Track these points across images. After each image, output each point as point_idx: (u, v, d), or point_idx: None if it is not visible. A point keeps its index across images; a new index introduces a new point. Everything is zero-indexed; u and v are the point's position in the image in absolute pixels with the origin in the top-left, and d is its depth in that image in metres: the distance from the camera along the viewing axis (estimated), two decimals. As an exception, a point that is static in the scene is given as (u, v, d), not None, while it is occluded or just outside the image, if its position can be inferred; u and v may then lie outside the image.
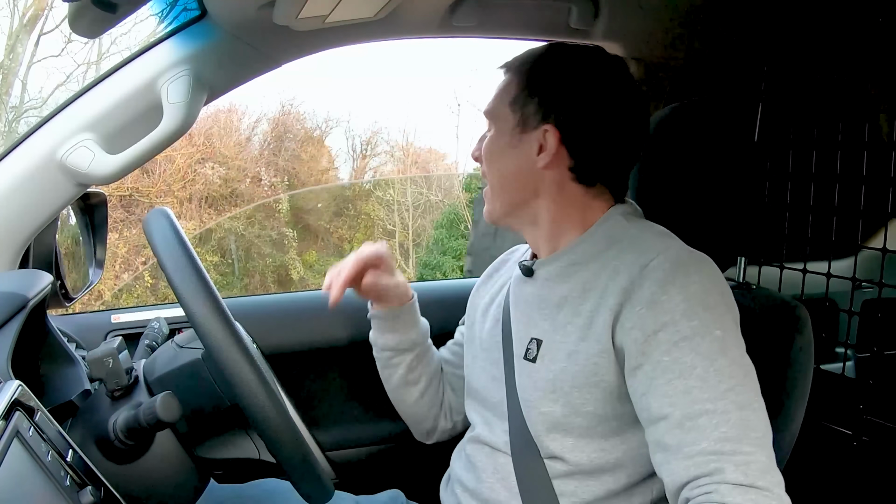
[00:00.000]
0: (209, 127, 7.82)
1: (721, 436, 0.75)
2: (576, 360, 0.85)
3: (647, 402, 0.80)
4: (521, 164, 0.93)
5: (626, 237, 0.90)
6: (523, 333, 0.93)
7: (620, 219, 0.93)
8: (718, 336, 0.79)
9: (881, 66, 1.24)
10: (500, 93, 0.96)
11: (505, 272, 1.09)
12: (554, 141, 0.91)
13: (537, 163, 0.92)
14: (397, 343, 1.12)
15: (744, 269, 1.26)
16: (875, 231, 1.31)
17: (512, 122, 0.94)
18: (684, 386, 0.78)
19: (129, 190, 6.62)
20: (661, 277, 0.81)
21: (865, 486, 1.31)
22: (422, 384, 1.13)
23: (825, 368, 1.37)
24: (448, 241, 7.61)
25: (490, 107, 0.97)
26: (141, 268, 6.30)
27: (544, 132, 0.91)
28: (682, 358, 0.79)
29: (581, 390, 0.85)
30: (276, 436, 0.76)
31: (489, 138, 0.97)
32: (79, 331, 1.24)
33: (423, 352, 1.14)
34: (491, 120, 0.97)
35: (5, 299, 0.82)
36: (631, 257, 0.85)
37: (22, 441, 0.62)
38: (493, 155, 0.96)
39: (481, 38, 1.28)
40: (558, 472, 0.88)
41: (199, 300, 0.75)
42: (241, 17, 0.98)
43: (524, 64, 0.95)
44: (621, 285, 0.83)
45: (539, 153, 0.92)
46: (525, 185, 0.94)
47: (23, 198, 0.98)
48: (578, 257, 0.92)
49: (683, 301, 0.80)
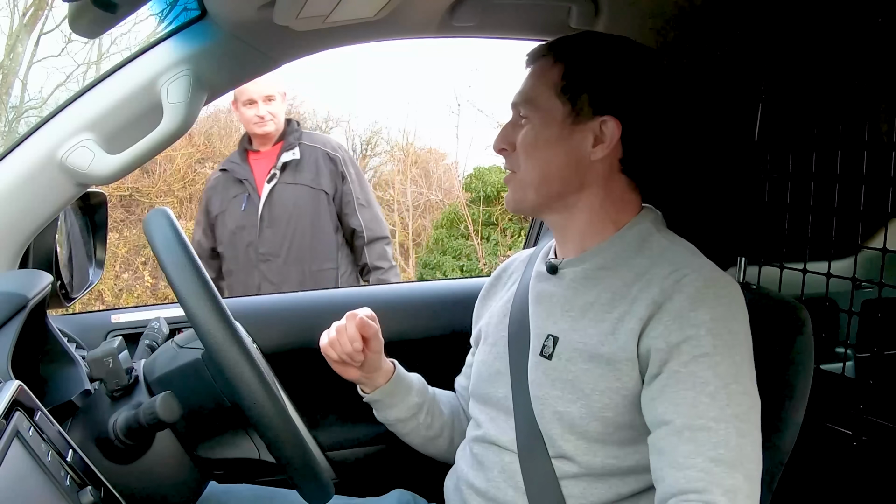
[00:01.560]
0: (209, 127, 7.81)
1: (717, 456, 0.76)
2: (599, 363, 0.85)
3: (653, 406, 0.81)
4: (571, 157, 0.90)
5: (658, 247, 0.90)
6: (541, 329, 0.93)
7: (650, 227, 0.93)
8: (737, 361, 0.80)
9: (881, 66, 1.24)
10: (540, 81, 0.91)
11: (514, 273, 1.08)
12: (616, 133, 0.89)
13: (591, 155, 0.90)
14: (403, 414, 1.09)
15: (744, 269, 1.26)
16: (875, 231, 1.31)
17: (562, 112, 0.90)
18: (693, 398, 0.78)
19: (129, 190, 6.61)
20: (693, 294, 0.82)
21: (865, 486, 1.31)
22: (445, 434, 1.11)
23: (825, 368, 1.37)
24: (448, 241, 7.60)
25: (529, 95, 0.92)
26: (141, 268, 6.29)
27: (601, 123, 0.89)
28: (699, 372, 0.79)
29: (603, 394, 0.85)
30: (276, 436, 0.76)
31: (531, 128, 0.91)
32: (79, 331, 1.24)
33: (432, 406, 1.11)
34: (530, 109, 0.92)
35: (5, 299, 0.82)
36: (664, 270, 0.85)
37: (22, 441, 0.62)
38: (538, 146, 0.91)
39: (481, 38, 1.28)
40: (567, 472, 0.87)
41: (199, 300, 0.75)
42: (241, 17, 0.98)
43: (570, 51, 0.91)
44: (652, 297, 0.83)
45: (595, 145, 0.90)
46: (571, 178, 0.91)
47: (23, 198, 0.98)
48: (608, 261, 0.91)
49: (711, 320, 0.80)
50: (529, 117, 0.92)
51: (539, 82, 0.92)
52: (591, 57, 0.90)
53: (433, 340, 1.44)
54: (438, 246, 7.64)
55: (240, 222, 2.29)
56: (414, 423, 1.09)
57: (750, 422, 0.78)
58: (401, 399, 1.08)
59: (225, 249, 2.32)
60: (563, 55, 0.91)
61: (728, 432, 0.76)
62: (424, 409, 1.09)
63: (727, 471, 0.75)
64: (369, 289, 1.83)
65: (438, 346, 1.41)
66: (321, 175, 2.29)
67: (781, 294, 1.11)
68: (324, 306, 1.46)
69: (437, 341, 1.39)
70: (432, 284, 2.27)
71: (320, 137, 2.43)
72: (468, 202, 7.65)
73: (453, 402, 1.14)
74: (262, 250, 2.27)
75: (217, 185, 2.36)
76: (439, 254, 7.53)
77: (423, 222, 8.17)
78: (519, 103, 0.93)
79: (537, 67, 0.93)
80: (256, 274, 2.27)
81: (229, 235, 2.30)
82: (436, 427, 1.10)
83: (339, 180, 2.31)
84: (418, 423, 1.09)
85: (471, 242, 7.42)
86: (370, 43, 1.18)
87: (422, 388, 1.11)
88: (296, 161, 2.28)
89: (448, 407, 1.13)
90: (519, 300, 0.99)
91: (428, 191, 8.24)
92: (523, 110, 0.92)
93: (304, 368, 1.38)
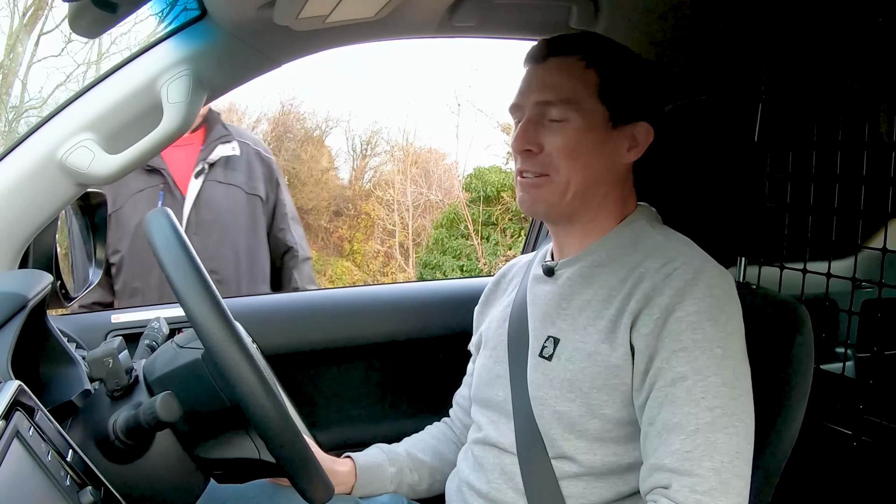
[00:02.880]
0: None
1: (682, 455, 0.76)
2: (596, 360, 0.85)
3: (640, 403, 0.83)
4: (609, 160, 0.91)
5: (652, 242, 0.90)
6: (540, 331, 0.93)
7: (645, 223, 0.94)
8: (717, 353, 0.79)
9: (881, 66, 1.24)
10: (577, 82, 0.88)
11: (514, 278, 1.08)
12: (649, 137, 0.91)
13: (624, 159, 0.91)
14: (392, 487, 1.08)
15: (744, 269, 1.26)
16: (875, 231, 1.31)
17: (603, 115, 0.89)
18: (670, 395, 0.79)
19: (129, 190, 6.62)
20: (680, 286, 0.82)
21: (865, 486, 1.31)
22: (438, 477, 1.10)
23: (825, 368, 1.37)
24: (448, 240, 7.60)
25: (569, 95, 0.88)
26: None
27: (637, 128, 0.90)
28: (677, 367, 0.79)
29: (600, 392, 0.85)
30: (276, 436, 0.75)
31: (573, 131, 0.88)
32: (79, 331, 1.24)
33: (412, 463, 1.09)
34: (570, 110, 0.88)
35: (5, 299, 0.82)
36: (656, 264, 0.86)
37: (22, 441, 0.62)
38: (581, 151, 0.88)
39: (481, 38, 1.28)
40: (567, 473, 0.88)
41: (199, 300, 0.75)
42: (241, 17, 0.98)
43: (600, 54, 0.90)
44: (644, 291, 0.84)
45: (629, 149, 0.91)
46: (604, 182, 0.91)
47: (23, 198, 0.98)
48: (602, 258, 0.91)
49: (695, 313, 0.81)
50: (569, 119, 0.88)
51: (577, 84, 0.88)
52: (621, 63, 0.91)
53: (433, 340, 1.44)
54: (438, 246, 7.65)
55: None
56: (406, 488, 1.09)
57: (732, 414, 0.78)
58: (380, 481, 1.07)
59: (125, 259, 1.81)
60: (593, 59, 0.89)
61: (698, 426, 0.77)
62: (405, 470, 1.08)
63: (691, 466, 0.76)
64: (369, 289, 1.83)
65: (438, 346, 1.41)
66: (254, 178, 1.91)
67: (781, 294, 1.11)
68: (324, 306, 1.46)
69: (437, 341, 1.39)
70: (432, 284, 2.26)
71: (247, 133, 2.07)
72: (468, 202, 7.65)
73: (429, 440, 1.14)
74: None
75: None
76: (439, 254, 7.53)
77: (423, 222, 8.18)
78: (553, 102, 0.88)
79: (564, 66, 0.89)
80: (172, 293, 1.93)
81: (131, 241, 1.80)
82: (425, 478, 1.09)
83: (272, 187, 1.94)
84: (409, 484, 1.08)
85: (471, 242, 7.43)
86: (370, 43, 1.18)
87: (392, 457, 1.09)
88: (228, 158, 1.87)
89: (428, 452, 1.11)
90: (518, 304, 0.99)
91: (428, 191, 8.24)
92: (558, 111, 0.88)
93: (305, 368, 1.38)
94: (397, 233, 7.79)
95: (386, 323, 1.44)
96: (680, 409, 0.78)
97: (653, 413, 0.80)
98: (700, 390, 0.78)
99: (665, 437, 0.78)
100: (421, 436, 1.15)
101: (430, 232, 7.94)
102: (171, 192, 1.83)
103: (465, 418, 1.13)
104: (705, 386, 0.78)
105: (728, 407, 0.78)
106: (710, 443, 0.76)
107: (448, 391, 1.18)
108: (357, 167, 9.14)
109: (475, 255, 7.34)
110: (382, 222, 8.19)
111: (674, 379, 0.79)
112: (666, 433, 0.78)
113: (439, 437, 1.14)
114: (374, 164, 8.92)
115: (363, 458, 1.08)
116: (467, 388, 1.12)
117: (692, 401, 0.78)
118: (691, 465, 0.76)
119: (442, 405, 1.21)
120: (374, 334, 1.43)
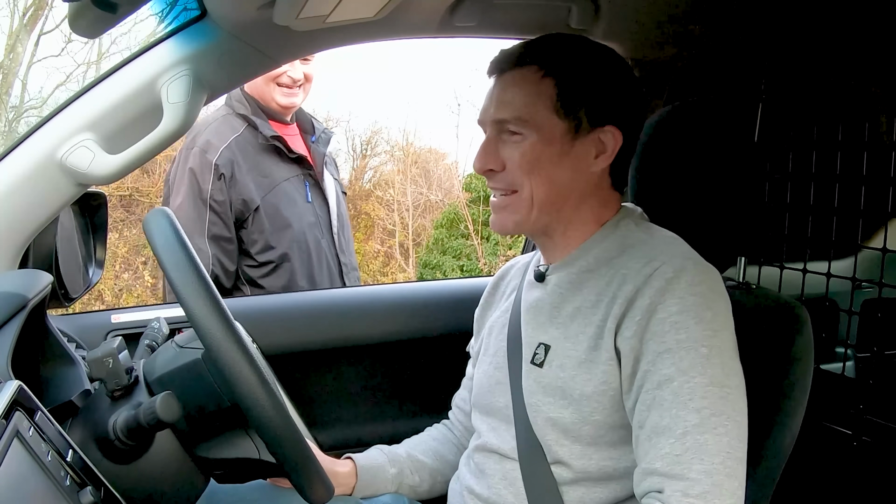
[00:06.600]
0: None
1: (673, 459, 0.76)
2: (587, 368, 0.85)
3: (630, 407, 0.82)
4: (575, 171, 0.88)
5: (636, 242, 0.89)
6: (532, 338, 0.92)
7: (630, 223, 0.93)
8: (703, 353, 0.78)
9: (881, 66, 1.24)
10: (531, 97, 0.86)
11: (511, 280, 1.08)
12: (617, 141, 0.88)
13: (592, 166, 0.89)
14: (393, 488, 1.08)
15: (744, 269, 1.26)
16: (875, 231, 1.32)
17: (561, 128, 0.86)
18: (658, 398, 0.78)
19: (129, 190, 6.61)
20: (661, 286, 0.81)
21: (865, 486, 1.31)
22: (439, 479, 1.10)
23: (825, 368, 1.37)
24: (448, 240, 7.60)
25: (521, 114, 0.86)
26: (141, 268, 6.29)
27: (601, 134, 0.88)
28: (663, 370, 0.79)
29: (591, 399, 0.84)
30: (275, 435, 0.76)
31: (530, 146, 0.86)
32: (79, 331, 1.24)
33: (413, 464, 1.09)
34: (525, 127, 0.86)
35: (5, 299, 0.82)
36: (638, 265, 0.84)
37: (22, 441, 0.62)
38: (541, 165, 0.87)
39: (481, 38, 1.28)
40: (565, 478, 0.87)
41: (199, 300, 0.75)
42: (241, 17, 0.98)
43: (558, 62, 0.87)
44: (626, 294, 0.83)
45: (597, 156, 0.88)
46: (574, 192, 0.89)
47: (23, 198, 0.98)
48: (591, 264, 0.91)
49: (678, 312, 0.80)
50: (525, 134, 0.87)
51: (531, 99, 0.87)
52: (582, 68, 0.88)
53: (433, 340, 1.44)
54: (438, 246, 7.64)
55: (306, 217, 1.66)
56: (407, 489, 1.09)
57: (721, 413, 0.77)
58: (380, 482, 1.07)
59: (292, 254, 1.62)
60: (551, 68, 0.87)
61: (686, 429, 0.76)
62: (406, 471, 1.08)
63: (682, 469, 0.75)
64: (369, 289, 1.82)
65: (438, 346, 1.41)
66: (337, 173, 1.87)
67: (781, 294, 1.11)
68: (324, 306, 1.46)
69: (437, 341, 1.39)
70: (432, 284, 2.26)
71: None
72: (468, 202, 7.65)
73: (430, 442, 1.14)
74: (344, 260, 1.73)
75: (246, 151, 1.56)
76: (439, 254, 7.53)
77: (423, 222, 8.17)
78: (508, 120, 0.87)
79: (519, 79, 0.88)
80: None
81: (292, 235, 1.62)
82: (426, 479, 1.09)
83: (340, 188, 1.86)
84: (410, 486, 1.09)
85: (471, 242, 7.43)
86: (370, 43, 1.18)
87: (393, 458, 1.09)
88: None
89: (428, 453, 1.11)
90: (515, 310, 0.99)
91: (428, 191, 8.24)
92: (515, 126, 0.87)
93: (305, 368, 1.38)
94: (397, 233, 7.79)
95: (386, 323, 1.44)
96: (668, 412, 0.77)
97: (642, 416, 0.80)
98: (687, 392, 0.77)
99: (655, 440, 0.78)
100: (421, 437, 1.15)
101: (430, 232, 7.94)
102: (316, 183, 1.71)
103: (464, 420, 1.13)
104: (692, 387, 0.77)
105: (717, 407, 0.77)
106: (700, 445, 0.75)
107: (448, 392, 1.18)
108: (357, 167, 9.14)
109: (475, 255, 7.34)
110: (382, 222, 8.18)
111: (660, 381, 0.78)
112: (655, 437, 0.78)
113: (440, 439, 1.14)
114: (374, 164, 8.91)
115: (364, 459, 1.08)
116: (466, 391, 1.12)
117: (679, 403, 0.77)
118: (682, 468, 0.75)
119: (442, 405, 1.21)
120: (375, 334, 1.43)
